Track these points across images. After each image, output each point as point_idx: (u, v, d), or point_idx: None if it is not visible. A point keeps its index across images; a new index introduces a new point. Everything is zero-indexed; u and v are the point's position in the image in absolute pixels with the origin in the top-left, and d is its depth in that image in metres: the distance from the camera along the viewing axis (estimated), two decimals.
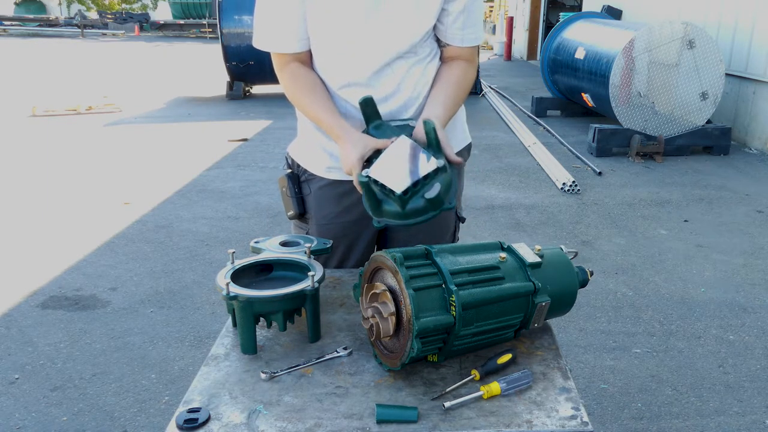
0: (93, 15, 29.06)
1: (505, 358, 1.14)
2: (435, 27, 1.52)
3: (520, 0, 19.13)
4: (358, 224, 1.64)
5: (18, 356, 2.77)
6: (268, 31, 1.50)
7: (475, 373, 1.10)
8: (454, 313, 1.07)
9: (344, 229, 1.64)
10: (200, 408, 1.02)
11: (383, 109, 1.48)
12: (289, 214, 1.69)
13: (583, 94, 7.54)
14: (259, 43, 1.52)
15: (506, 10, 21.72)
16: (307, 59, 1.54)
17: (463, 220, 1.78)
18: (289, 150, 1.72)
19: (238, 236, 4.19)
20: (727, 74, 6.64)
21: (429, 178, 1.25)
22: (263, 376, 1.11)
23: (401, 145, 1.31)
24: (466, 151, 1.72)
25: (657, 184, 5.47)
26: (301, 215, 1.67)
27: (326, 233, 1.63)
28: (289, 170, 1.69)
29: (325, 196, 1.62)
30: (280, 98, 10.00)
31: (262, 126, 7.99)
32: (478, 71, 10.94)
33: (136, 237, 4.19)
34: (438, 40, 1.57)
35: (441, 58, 1.58)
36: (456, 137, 1.67)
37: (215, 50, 12.36)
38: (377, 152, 1.35)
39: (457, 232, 1.78)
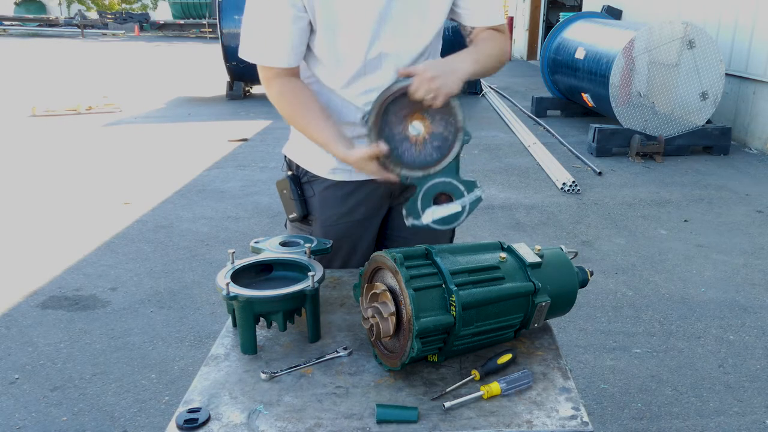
0: (93, 15, 29.08)
1: (505, 358, 1.14)
2: (457, 15, 1.52)
3: (520, 0, 19.12)
4: (362, 224, 1.65)
5: (18, 356, 2.78)
6: (258, 43, 1.45)
7: (475, 373, 1.10)
8: (454, 313, 1.07)
9: (348, 229, 1.64)
10: (200, 408, 1.02)
11: None
12: (291, 216, 1.66)
13: (583, 94, 7.54)
14: (246, 54, 1.47)
15: (506, 10, 21.72)
16: (295, 72, 1.50)
17: None
18: (285, 152, 1.69)
19: (238, 236, 4.19)
20: (727, 74, 6.64)
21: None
22: (263, 376, 1.11)
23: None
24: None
25: (657, 184, 5.47)
26: (304, 217, 1.66)
27: (331, 234, 1.62)
28: (290, 172, 1.67)
29: (330, 197, 1.61)
30: None
31: (262, 126, 8.00)
32: None
33: (136, 237, 4.19)
34: (464, 27, 1.58)
35: (468, 42, 1.58)
36: None
37: (215, 50, 12.37)
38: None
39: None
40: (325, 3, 1.40)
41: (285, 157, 1.70)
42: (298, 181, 1.65)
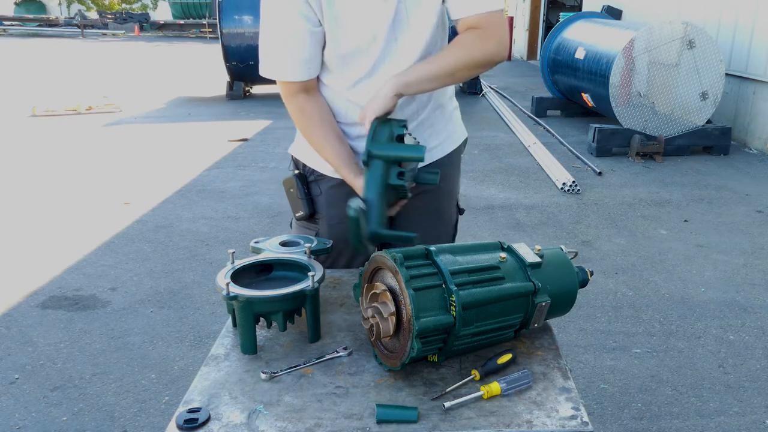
0: (93, 15, 29.09)
1: (505, 358, 1.14)
2: (447, 9, 1.50)
3: (520, 0, 19.12)
4: None
5: (18, 356, 2.77)
6: (274, 60, 1.48)
7: (475, 373, 1.10)
8: (454, 313, 1.07)
9: None
10: (200, 408, 1.02)
11: (410, 109, 1.54)
12: (298, 215, 1.67)
13: (583, 94, 7.54)
14: (265, 71, 1.51)
15: (506, 10, 21.73)
16: (313, 86, 1.54)
17: (462, 212, 1.81)
18: (292, 151, 1.71)
19: (238, 236, 4.19)
20: (727, 74, 6.64)
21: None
22: (263, 376, 1.11)
23: None
24: (463, 145, 1.76)
25: (657, 184, 5.47)
26: (311, 216, 1.67)
27: (337, 233, 1.62)
28: (297, 171, 1.68)
29: (337, 196, 1.62)
30: (280, 98, 9.99)
31: (262, 126, 7.99)
32: None
33: (136, 237, 4.19)
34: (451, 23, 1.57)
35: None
36: (455, 132, 1.70)
37: (215, 50, 12.37)
38: None
39: (457, 224, 1.81)
40: (330, 12, 1.41)
41: (291, 156, 1.71)
42: (305, 179, 1.66)
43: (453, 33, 1.54)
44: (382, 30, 1.44)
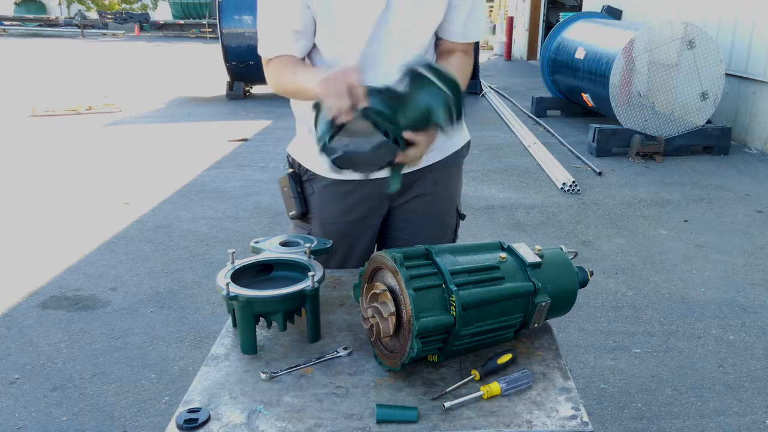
0: (93, 15, 29.10)
1: (505, 358, 1.14)
2: (441, 26, 1.51)
3: (520, 0, 19.13)
4: (361, 223, 1.65)
5: (18, 356, 2.78)
6: (269, 40, 1.50)
7: (475, 373, 1.10)
8: (454, 313, 1.07)
9: (347, 228, 1.65)
10: (200, 408, 1.02)
11: None
12: (290, 214, 1.68)
13: (583, 94, 7.54)
14: (260, 51, 1.53)
15: (506, 10, 21.72)
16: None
17: (463, 217, 1.79)
18: (289, 150, 1.71)
19: (238, 236, 4.19)
20: (727, 74, 6.64)
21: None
22: (263, 376, 1.11)
23: None
24: (465, 148, 1.74)
25: (657, 184, 5.47)
26: (303, 215, 1.67)
27: (329, 232, 1.62)
28: (291, 170, 1.69)
29: (329, 196, 1.62)
30: (280, 98, 9.98)
31: (262, 126, 7.99)
32: (477, 71, 10.95)
33: (136, 237, 4.19)
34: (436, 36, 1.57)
35: (436, 52, 1.59)
36: (457, 134, 1.69)
37: (215, 50, 12.37)
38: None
39: (457, 229, 1.79)
40: (324, 3, 1.41)
41: (288, 155, 1.71)
42: (299, 178, 1.66)
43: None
44: (372, 20, 1.43)
